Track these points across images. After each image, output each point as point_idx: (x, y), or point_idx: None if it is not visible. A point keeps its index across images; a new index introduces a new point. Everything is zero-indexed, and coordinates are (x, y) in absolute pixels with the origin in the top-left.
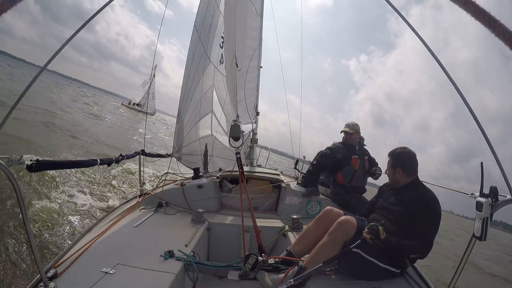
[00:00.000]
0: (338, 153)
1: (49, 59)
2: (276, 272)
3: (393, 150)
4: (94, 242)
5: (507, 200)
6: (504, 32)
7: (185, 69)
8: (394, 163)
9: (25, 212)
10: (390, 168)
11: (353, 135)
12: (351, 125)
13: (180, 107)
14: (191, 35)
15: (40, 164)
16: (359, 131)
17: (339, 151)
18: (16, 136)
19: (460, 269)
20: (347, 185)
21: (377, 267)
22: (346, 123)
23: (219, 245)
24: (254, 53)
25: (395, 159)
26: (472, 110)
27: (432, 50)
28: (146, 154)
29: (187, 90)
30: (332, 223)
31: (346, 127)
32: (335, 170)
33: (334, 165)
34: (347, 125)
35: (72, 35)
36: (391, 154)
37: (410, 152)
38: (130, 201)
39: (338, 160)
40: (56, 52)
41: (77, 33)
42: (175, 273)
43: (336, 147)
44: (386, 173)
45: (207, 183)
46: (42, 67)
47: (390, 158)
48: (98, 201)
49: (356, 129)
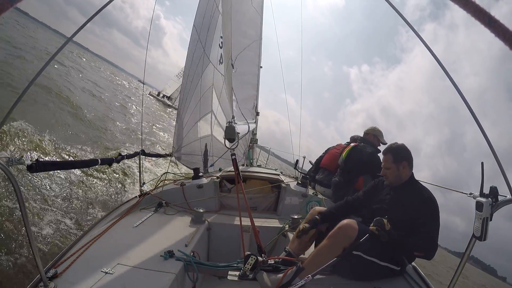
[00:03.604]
0: None
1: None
2: (275, 273)
3: (389, 146)
4: (94, 242)
5: (507, 200)
6: (504, 32)
7: (185, 69)
8: (397, 158)
9: (25, 212)
10: (392, 164)
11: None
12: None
13: (179, 106)
14: (191, 35)
15: (40, 165)
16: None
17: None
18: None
19: (460, 269)
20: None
21: (378, 266)
22: (372, 127)
23: (219, 245)
24: (253, 53)
25: (397, 153)
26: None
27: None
28: (146, 154)
29: (186, 89)
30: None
31: (377, 130)
32: (361, 173)
33: (363, 166)
34: (379, 131)
35: (80, 26)
36: (389, 150)
37: (404, 145)
38: (130, 201)
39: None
40: (65, 43)
41: (84, 26)
42: (175, 273)
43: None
44: (384, 174)
45: (207, 183)
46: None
47: (390, 155)
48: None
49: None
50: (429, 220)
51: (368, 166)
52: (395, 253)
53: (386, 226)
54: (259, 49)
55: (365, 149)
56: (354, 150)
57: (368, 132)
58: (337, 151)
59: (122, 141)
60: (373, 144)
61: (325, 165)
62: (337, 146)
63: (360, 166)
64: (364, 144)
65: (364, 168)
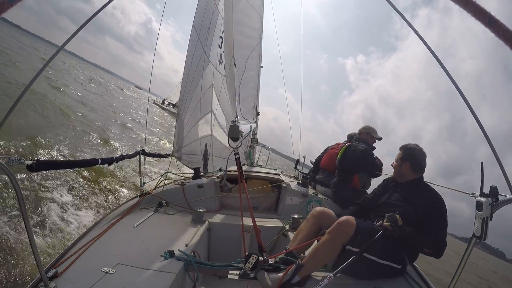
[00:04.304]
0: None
1: (53, 54)
2: (276, 272)
3: (406, 144)
4: (94, 242)
5: (507, 200)
6: (504, 31)
7: (184, 69)
8: (404, 157)
9: (25, 212)
10: (399, 160)
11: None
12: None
13: (180, 107)
14: (190, 35)
15: (40, 164)
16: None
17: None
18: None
19: (460, 269)
20: (360, 189)
21: (378, 264)
22: (364, 125)
23: (219, 245)
24: (254, 53)
25: (406, 152)
26: (474, 112)
27: (437, 56)
28: (146, 154)
29: (186, 90)
30: (318, 217)
31: (370, 128)
32: (355, 172)
33: (357, 165)
34: (371, 128)
35: (71, 35)
36: (403, 147)
37: (421, 150)
38: (130, 201)
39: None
40: (57, 51)
41: (79, 31)
42: (175, 273)
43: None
44: (392, 165)
45: (207, 183)
46: (47, 61)
47: (402, 151)
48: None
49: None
50: (439, 220)
51: (361, 163)
52: (400, 250)
53: (399, 221)
54: (260, 49)
55: (358, 147)
56: (348, 149)
57: (361, 132)
58: (335, 151)
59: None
60: (367, 142)
61: (324, 166)
62: (336, 146)
63: (354, 165)
64: (358, 142)
65: (358, 166)
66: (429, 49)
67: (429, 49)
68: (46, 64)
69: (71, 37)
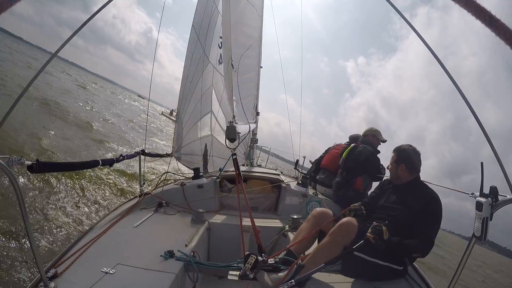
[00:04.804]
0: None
1: (49, 57)
2: (276, 272)
3: (399, 146)
4: (94, 242)
5: (507, 200)
6: (505, 31)
7: (184, 69)
8: (398, 159)
9: (25, 212)
10: (393, 163)
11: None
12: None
13: (179, 107)
14: (189, 35)
15: (41, 165)
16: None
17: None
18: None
19: (460, 269)
20: (362, 191)
21: (379, 266)
22: (370, 127)
23: (219, 245)
24: (254, 53)
25: (400, 155)
26: (475, 113)
27: (437, 55)
28: (146, 154)
29: (186, 90)
30: (319, 218)
31: (375, 130)
32: (359, 173)
33: (361, 166)
34: (377, 130)
35: (73, 33)
36: (397, 150)
37: (415, 150)
38: (130, 201)
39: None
40: (57, 51)
41: (74, 35)
42: (175, 273)
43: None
44: (388, 168)
45: (207, 183)
46: (41, 68)
47: (395, 154)
48: (97, 201)
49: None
50: (431, 221)
51: (366, 166)
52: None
53: (385, 235)
54: (259, 49)
55: (365, 150)
56: (353, 150)
57: (367, 134)
58: (337, 151)
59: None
60: (373, 144)
61: (325, 165)
62: (337, 146)
63: (358, 167)
64: (365, 145)
65: (362, 168)
66: (428, 49)
67: (428, 48)
68: (43, 68)
69: (66, 41)
